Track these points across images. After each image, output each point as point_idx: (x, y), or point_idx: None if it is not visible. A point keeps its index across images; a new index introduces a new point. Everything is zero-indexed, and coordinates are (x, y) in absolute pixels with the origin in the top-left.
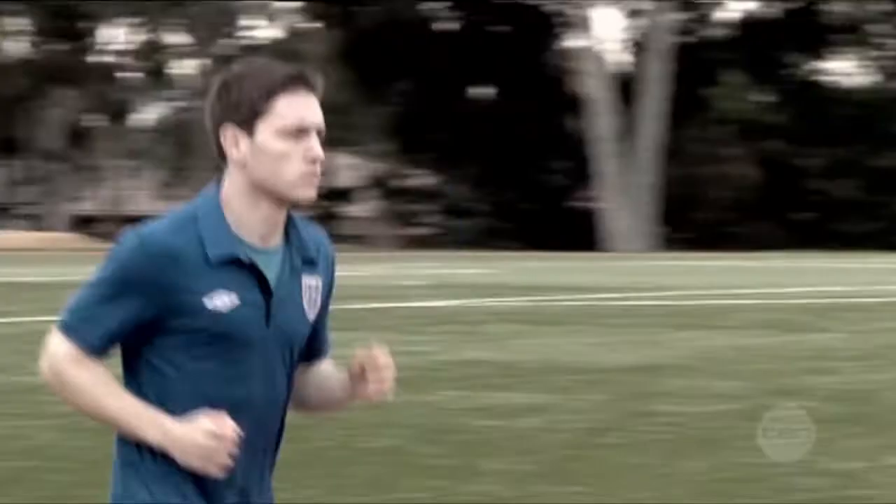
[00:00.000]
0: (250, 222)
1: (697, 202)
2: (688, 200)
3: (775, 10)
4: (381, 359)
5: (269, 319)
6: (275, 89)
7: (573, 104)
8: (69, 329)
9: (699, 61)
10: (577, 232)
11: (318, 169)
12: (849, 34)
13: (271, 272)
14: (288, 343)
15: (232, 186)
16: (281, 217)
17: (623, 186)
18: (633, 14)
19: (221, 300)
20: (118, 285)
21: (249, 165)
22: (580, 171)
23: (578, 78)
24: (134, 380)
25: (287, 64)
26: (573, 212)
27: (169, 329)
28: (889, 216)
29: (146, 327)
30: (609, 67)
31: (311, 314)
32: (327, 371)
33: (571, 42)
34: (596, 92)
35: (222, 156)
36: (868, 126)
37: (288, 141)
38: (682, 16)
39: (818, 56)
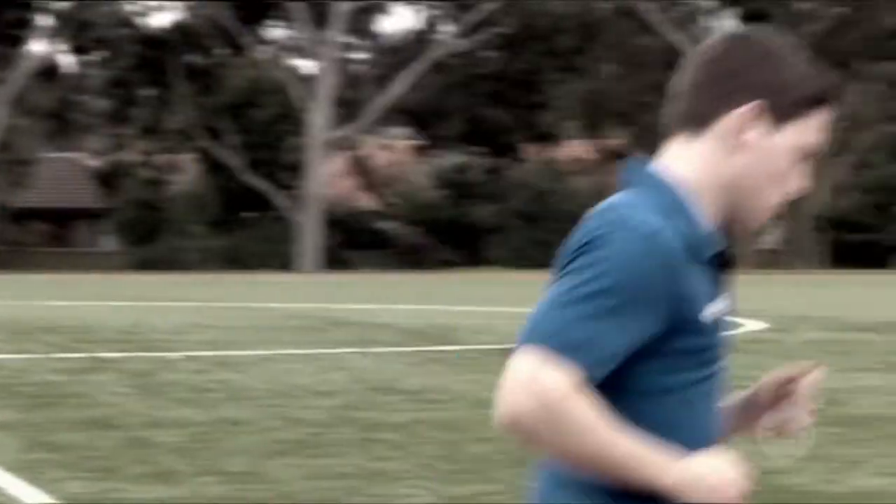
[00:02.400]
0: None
1: None
2: None
3: None
4: (814, 386)
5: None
6: (824, 98)
7: None
8: (567, 352)
9: None
10: None
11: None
12: None
13: None
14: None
15: (707, 169)
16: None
17: None
18: None
19: (714, 309)
20: (625, 298)
21: (744, 160)
22: None
23: None
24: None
25: (828, 68)
26: None
27: (661, 350)
28: None
29: (641, 348)
30: None
31: None
32: None
33: None
34: None
35: (701, 123)
36: None
37: (793, 161)
38: None
39: None
